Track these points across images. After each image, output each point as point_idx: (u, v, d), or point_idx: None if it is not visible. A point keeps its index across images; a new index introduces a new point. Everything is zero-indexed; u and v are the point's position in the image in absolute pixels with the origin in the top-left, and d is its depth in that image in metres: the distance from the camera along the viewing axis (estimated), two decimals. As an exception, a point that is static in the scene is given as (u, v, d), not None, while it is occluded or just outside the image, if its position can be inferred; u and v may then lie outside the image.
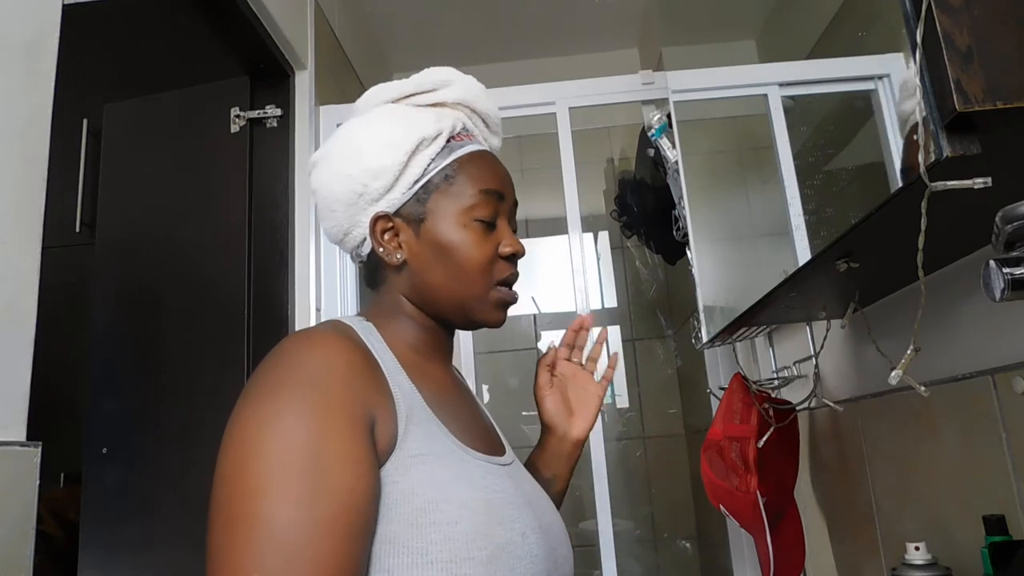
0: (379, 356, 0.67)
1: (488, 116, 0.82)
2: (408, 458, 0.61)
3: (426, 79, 0.79)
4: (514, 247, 0.76)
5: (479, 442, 0.71)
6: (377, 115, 0.77)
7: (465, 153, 0.76)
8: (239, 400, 0.61)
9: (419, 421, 0.65)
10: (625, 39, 2.77)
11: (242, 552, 0.52)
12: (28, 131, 0.82)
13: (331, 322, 0.70)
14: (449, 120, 0.76)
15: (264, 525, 0.52)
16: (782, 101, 0.87)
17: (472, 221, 0.73)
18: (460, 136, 0.78)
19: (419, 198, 0.74)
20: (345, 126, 0.78)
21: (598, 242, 2.96)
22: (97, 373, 1.75)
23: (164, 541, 1.60)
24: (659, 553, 2.69)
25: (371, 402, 0.61)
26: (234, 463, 0.56)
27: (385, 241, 0.74)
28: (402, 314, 0.76)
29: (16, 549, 0.72)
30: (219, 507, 0.55)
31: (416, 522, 0.59)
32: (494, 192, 0.75)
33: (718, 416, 1.33)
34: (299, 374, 0.59)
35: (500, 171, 0.78)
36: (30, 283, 0.80)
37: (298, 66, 1.87)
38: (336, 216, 0.76)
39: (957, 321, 0.90)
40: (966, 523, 0.90)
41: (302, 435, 0.56)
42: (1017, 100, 0.46)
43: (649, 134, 1.78)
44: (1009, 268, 0.53)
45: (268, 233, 1.76)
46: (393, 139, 0.73)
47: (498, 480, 0.67)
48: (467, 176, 0.74)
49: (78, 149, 2.10)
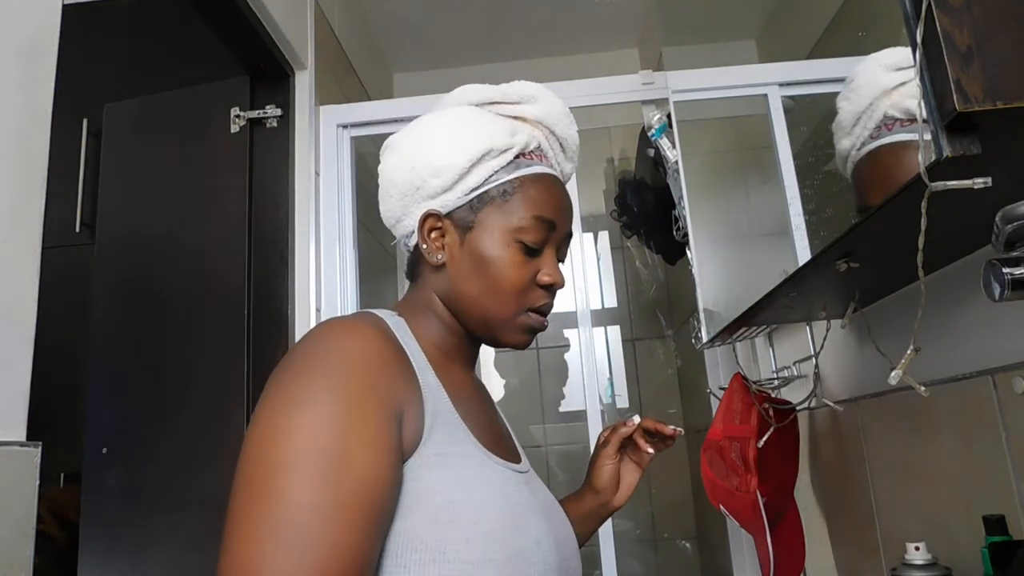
0: (409, 351, 0.67)
1: (566, 140, 0.81)
2: (432, 456, 0.62)
3: (513, 90, 0.78)
4: (553, 277, 0.75)
5: (498, 447, 0.71)
6: (455, 113, 0.76)
7: (531, 173, 0.75)
8: (270, 380, 0.61)
9: (444, 420, 0.65)
10: (625, 39, 2.77)
11: (258, 524, 0.52)
12: (28, 131, 0.82)
13: (364, 312, 0.70)
14: (524, 136, 0.75)
15: (283, 502, 0.52)
16: (782, 101, 0.87)
17: (515, 242, 0.72)
18: (531, 155, 0.76)
19: (472, 206, 0.73)
20: (423, 117, 0.78)
21: (598, 242, 2.96)
22: (97, 373, 1.75)
23: (164, 541, 1.60)
24: (659, 553, 2.69)
25: (400, 395, 0.62)
26: (261, 440, 0.56)
27: (430, 239, 0.74)
28: (432, 313, 0.75)
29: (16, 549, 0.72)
30: (242, 481, 0.55)
31: (436, 520, 0.59)
32: (547, 221, 0.74)
33: (718, 416, 1.33)
34: (332, 358, 0.60)
35: (560, 200, 0.76)
36: (30, 283, 0.80)
37: (298, 66, 1.87)
38: (391, 202, 0.77)
39: (957, 321, 0.90)
40: (966, 523, 0.90)
41: (330, 418, 0.56)
42: (1017, 100, 0.46)
43: (649, 134, 1.78)
44: (1009, 268, 0.53)
45: (268, 233, 1.76)
46: (463, 142, 0.72)
47: (516, 486, 0.67)
48: (524, 197, 0.73)
49: (78, 149, 2.10)
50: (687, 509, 2.67)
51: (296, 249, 1.77)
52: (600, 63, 2.60)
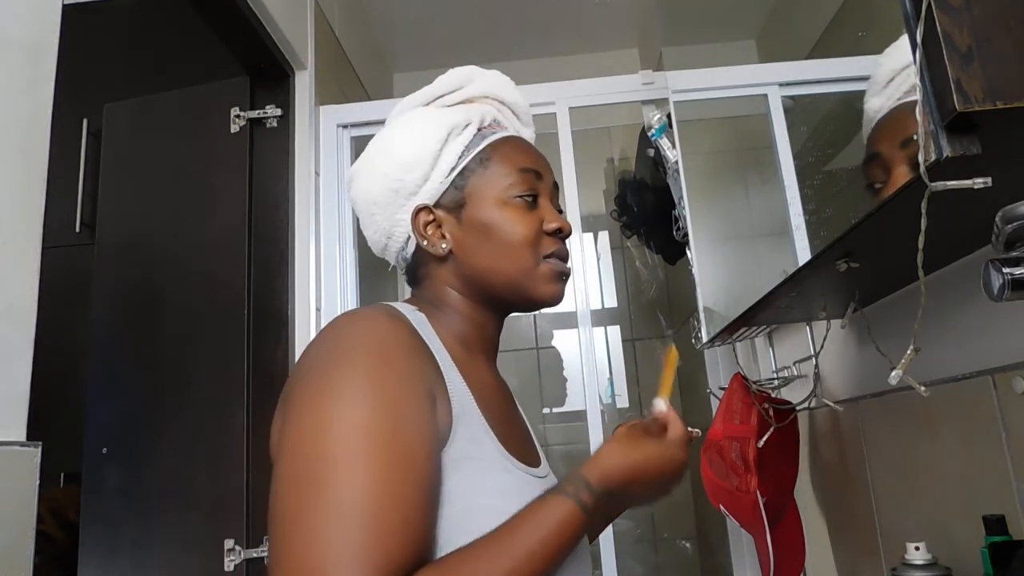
0: (433, 348, 0.66)
1: (517, 107, 0.83)
2: (454, 459, 0.61)
3: (451, 78, 0.80)
4: (559, 223, 0.75)
5: (519, 450, 0.70)
6: (406, 119, 0.78)
7: (498, 138, 0.77)
8: (299, 374, 0.60)
9: (468, 421, 0.64)
10: (625, 39, 2.77)
11: (319, 517, 0.51)
12: (28, 131, 0.82)
13: (383, 305, 0.69)
14: (477, 112, 0.77)
15: (341, 493, 0.52)
16: (782, 101, 0.87)
17: (512, 199, 0.73)
18: (491, 126, 0.78)
19: (456, 185, 0.74)
20: (376, 135, 0.79)
21: (598, 242, 2.96)
22: (97, 373, 1.75)
23: (164, 541, 1.60)
24: (659, 553, 2.69)
25: (432, 384, 0.61)
26: (308, 435, 0.55)
27: (428, 233, 0.74)
28: (448, 307, 0.74)
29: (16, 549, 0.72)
30: (294, 475, 0.54)
31: (454, 525, 0.59)
32: (531, 170, 0.75)
33: (718, 416, 1.33)
34: (364, 343, 0.59)
35: (534, 152, 0.78)
36: (30, 283, 0.80)
37: (298, 66, 1.87)
38: (376, 220, 0.77)
39: (957, 321, 0.90)
40: (966, 523, 0.90)
41: (375, 403, 0.56)
42: (1017, 100, 0.46)
43: (649, 134, 1.78)
44: (1009, 268, 0.53)
45: (268, 233, 1.76)
46: (424, 133, 0.74)
47: (535, 494, 0.66)
48: (502, 157, 0.75)
49: (78, 149, 2.10)
50: (687, 509, 2.67)
51: (296, 249, 1.77)
52: (600, 63, 2.60)
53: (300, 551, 0.51)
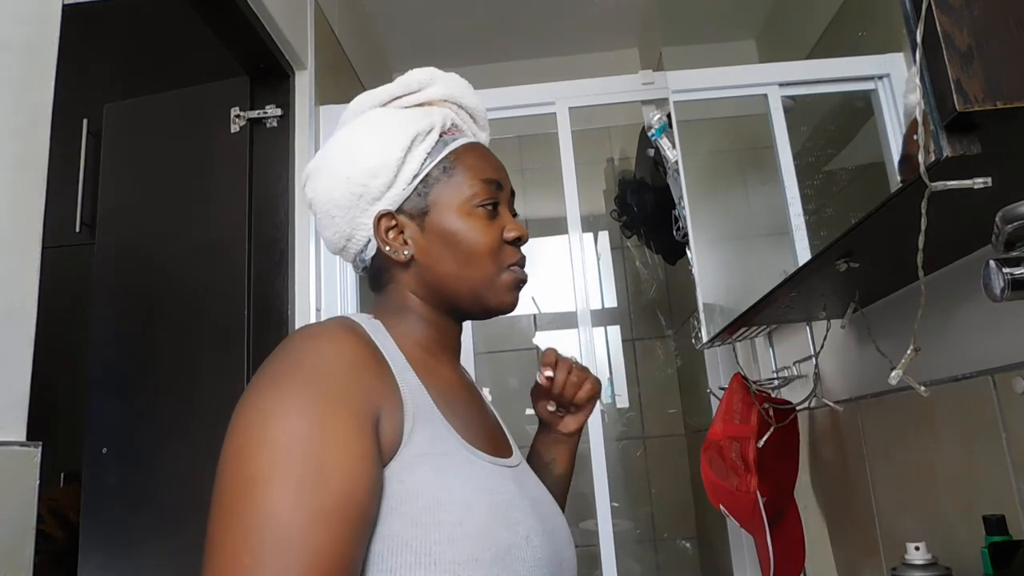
0: (387, 353, 0.67)
1: (475, 111, 0.83)
2: (414, 457, 0.61)
3: (411, 79, 0.80)
4: (519, 231, 0.76)
5: (485, 443, 0.71)
6: (368, 119, 0.78)
7: (459, 145, 0.77)
8: (246, 390, 0.61)
9: (426, 420, 0.64)
10: (625, 39, 2.77)
11: (238, 538, 0.51)
12: (28, 131, 0.82)
13: (339, 318, 0.70)
14: (439, 116, 0.77)
15: (263, 513, 0.52)
16: (782, 101, 0.87)
17: (475, 208, 0.74)
18: (451, 131, 0.79)
19: (420, 192, 0.74)
20: (336, 135, 0.79)
21: (598, 242, 2.96)
22: (97, 373, 1.75)
23: (164, 541, 1.60)
24: (659, 553, 2.69)
25: (377, 398, 0.61)
26: (237, 452, 0.56)
27: (391, 239, 0.74)
28: (410, 311, 0.76)
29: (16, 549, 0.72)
30: (220, 495, 0.55)
31: (420, 522, 0.59)
32: (493, 180, 0.76)
33: (718, 416, 1.33)
34: (305, 366, 0.60)
35: (495, 161, 0.79)
36: (30, 283, 0.80)
37: (298, 66, 1.87)
38: (336, 223, 0.76)
39: (957, 321, 0.90)
40: (966, 523, 0.90)
41: (305, 426, 0.56)
42: (1017, 100, 0.46)
43: (649, 134, 1.78)
44: (1009, 268, 0.53)
45: (268, 233, 1.76)
46: (388, 138, 0.74)
47: (503, 482, 0.67)
48: (465, 166, 0.76)
49: (78, 149, 2.10)
50: (687, 509, 2.67)
51: (296, 249, 1.77)
52: (600, 63, 2.60)
53: (221, 573, 0.52)
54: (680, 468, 2.70)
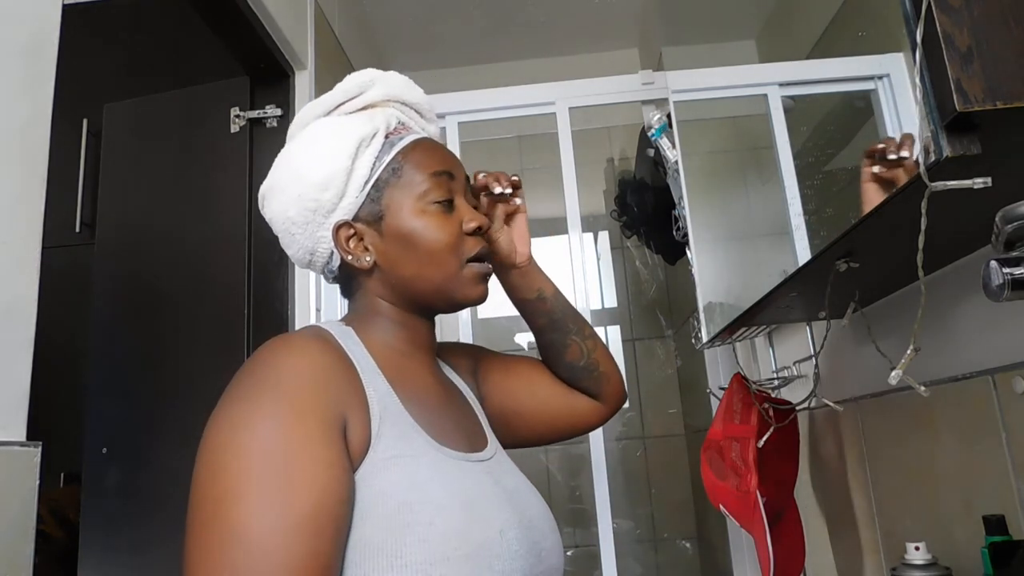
0: (355, 358, 0.68)
1: (419, 106, 0.83)
2: (382, 460, 0.61)
3: (349, 84, 0.80)
4: (478, 221, 0.76)
5: (458, 439, 0.71)
6: (310, 132, 0.77)
7: (406, 144, 0.77)
8: (217, 405, 0.62)
9: (393, 422, 0.65)
10: (625, 39, 2.77)
11: (214, 556, 0.52)
12: (28, 131, 0.82)
13: (310, 327, 0.71)
14: (382, 118, 0.77)
15: (235, 529, 0.52)
16: (782, 101, 0.87)
17: (429, 205, 0.74)
18: (397, 131, 0.79)
19: (372, 198, 0.74)
20: (283, 152, 0.78)
21: (598, 242, 2.96)
22: (97, 373, 1.75)
23: (164, 541, 1.60)
24: (659, 553, 2.69)
25: (343, 404, 0.61)
26: (206, 468, 0.57)
27: (351, 248, 0.75)
28: (380, 315, 0.76)
29: (16, 549, 0.72)
30: (194, 512, 0.55)
31: (390, 525, 0.59)
32: (443, 173, 0.76)
33: (718, 416, 1.33)
34: (270, 379, 0.60)
35: (444, 153, 0.79)
36: (30, 283, 0.80)
37: (298, 66, 1.87)
38: (297, 240, 0.77)
39: (957, 321, 0.90)
40: (966, 523, 0.90)
41: (272, 439, 0.56)
42: (1017, 100, 0.46)
43: (649, 134, 1.79)
44: (1009, 268, 0.53)
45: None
46: (332, 148, 0.73)
47: (476, 477, 0.67)
48: (414, 164, 0.75)
49: (78, 149, 2.10)
50: (687, 509, 2.67)
51: (296, 249, 1.77)
52: (600, 63, 2.60)
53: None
54: (680, 468, 2.70)
